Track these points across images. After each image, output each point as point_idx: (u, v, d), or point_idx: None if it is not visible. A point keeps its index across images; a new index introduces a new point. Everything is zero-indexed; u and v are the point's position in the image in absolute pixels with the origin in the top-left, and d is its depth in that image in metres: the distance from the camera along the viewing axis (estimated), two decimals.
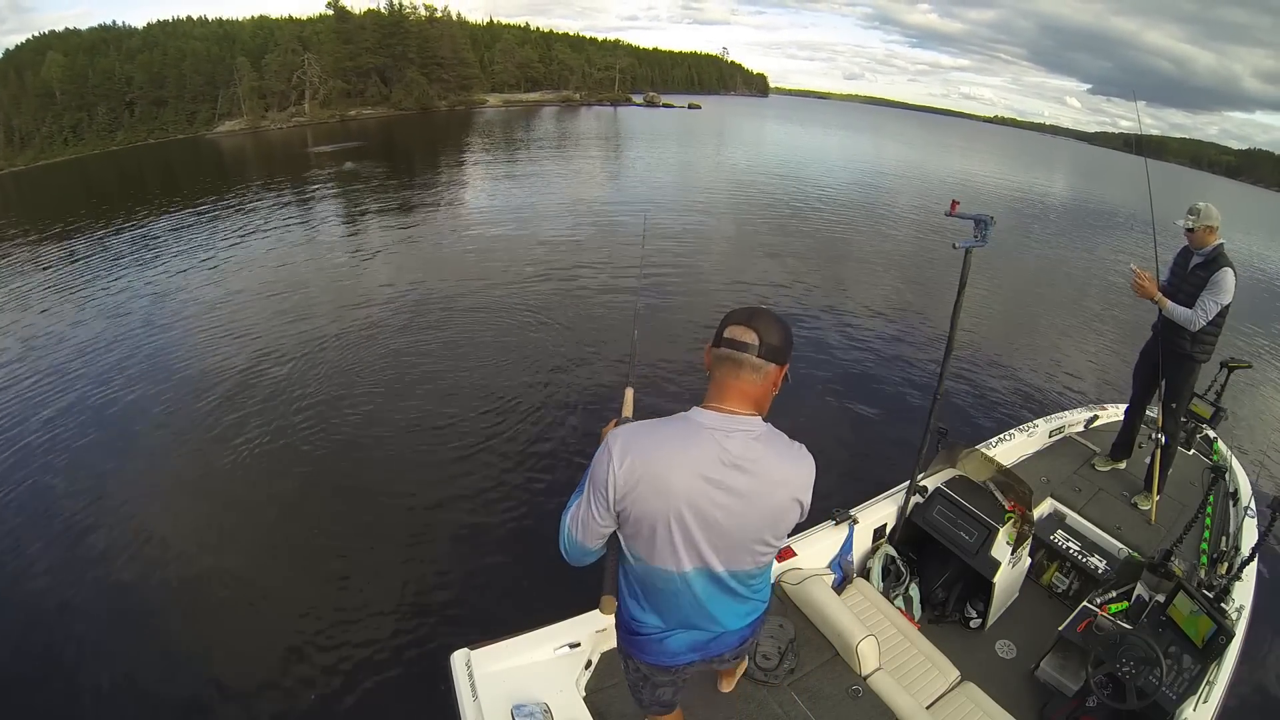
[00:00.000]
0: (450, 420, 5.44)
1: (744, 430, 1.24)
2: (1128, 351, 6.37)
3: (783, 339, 1.25)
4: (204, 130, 43.71)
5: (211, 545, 4.08)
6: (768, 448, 1.26)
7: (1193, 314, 3.11)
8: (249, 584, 3.75)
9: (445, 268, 9.82)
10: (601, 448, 1.26)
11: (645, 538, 1.28)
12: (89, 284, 9.80)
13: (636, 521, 1.26)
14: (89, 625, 3.53)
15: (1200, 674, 2.30)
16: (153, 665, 3.25)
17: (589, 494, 1.27)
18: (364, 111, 47.17)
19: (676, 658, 1.46)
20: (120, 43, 47.15)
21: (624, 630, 1.49)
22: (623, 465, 1.22)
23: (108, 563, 3.97)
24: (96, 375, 6.55)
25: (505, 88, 64.14)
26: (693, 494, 1.22)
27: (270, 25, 51.84)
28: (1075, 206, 25.00)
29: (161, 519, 4.33)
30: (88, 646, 3.39)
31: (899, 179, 25.55)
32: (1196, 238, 3.13)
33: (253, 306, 8.28)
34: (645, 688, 1.62)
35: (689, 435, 1.23)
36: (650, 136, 35.42)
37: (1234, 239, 3.23)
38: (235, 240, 11.98)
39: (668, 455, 1.22)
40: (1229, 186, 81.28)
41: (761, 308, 1.29)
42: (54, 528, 4.29)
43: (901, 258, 12.05)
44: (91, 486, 4.69)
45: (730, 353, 1.24)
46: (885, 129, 74.99)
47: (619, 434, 1.26)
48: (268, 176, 20.42)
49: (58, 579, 3.86)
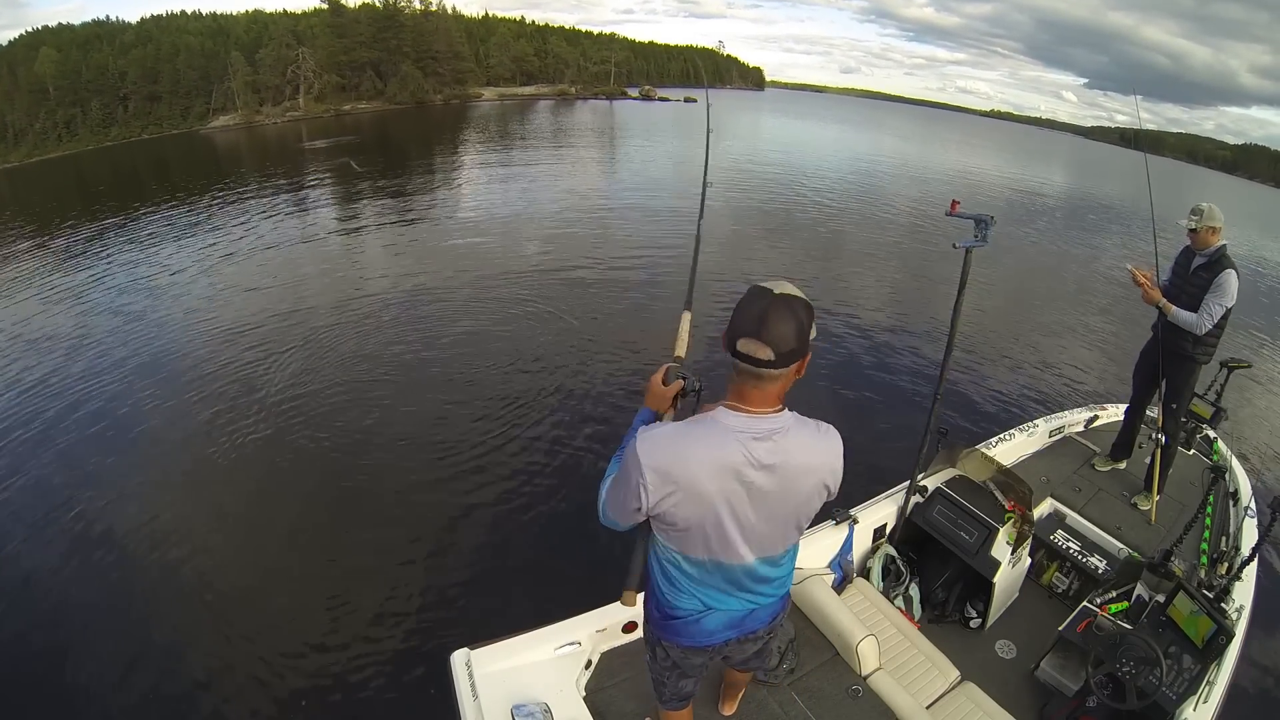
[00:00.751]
0: (450, 419, 5.43)
1: (769, 429, 1.22)
2: (1127, 351, 6.38)
3: (799, 338, 1.15)
4: (198, 125, 43.31)
5: (211, 546, 4.07)
6: (794, 441, 1.25)
7: (1197, 318, 3.10)
8: (249, 584, 3.73)
9: (443, 262, 9.81)
10: (630, 453, 1.24)
11: (681, 535, 1.30)
12: (83, 281, 9.77)
13: (672, 522, 1.27)
14: (88, 628, 3.51)
15: (1200, 674, 2.30)
16: (152, 666, 3.24)
17: (623, 489, 1.27)
18: (359, 106, 46.84)
19: (714, 636, 1.46)
20: (114, 37, 46.71)
21: (658, 617, 1.48)
22: (652, 477, 1.21)
23: (106, 564, 3.96)
24: (90, 372, 6.52)
25: (501, 81, 63.80)
26: (726, 497, 1.23)
27: (264, 19, 51.41)
28: (1073, 202, 25.00)
29: (161, 519, 4.31)
30: (86, 649, 3.38)
31: (895, 174, 25.51)
32: (1199, 238, 3.11)
33: (250, 304, 8.25)
34: (671, 677, 1.61)
35: (716, 441, 1.21)
36: (646, 129, 35.54)
37: (1230, 235, 3.23)
38: (231, 236, 11.93)
39: (697, 462, 1.21)
40: (1226, 182, 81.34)
41: (774, 300, 1.15)
42: (49, 528, 4.27)
43: (901, 257, 12.05)
44: (87, 484, 4.68)
45: (745, 368, 1.18)
46: (882, 123, 74.88)
47: (647, 442, 1.23)
48: (263, 172, 20.28)
49: (55, 581, 3.84)
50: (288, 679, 3.15)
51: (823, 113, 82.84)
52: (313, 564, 3.89)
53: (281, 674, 3.18)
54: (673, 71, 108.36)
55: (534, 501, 4.43)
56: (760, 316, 1.13)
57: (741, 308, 1.17)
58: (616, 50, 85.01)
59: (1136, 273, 3.32)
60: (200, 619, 3.50)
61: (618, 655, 2.27)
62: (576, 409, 5.60)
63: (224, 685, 3.13)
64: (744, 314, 1.16)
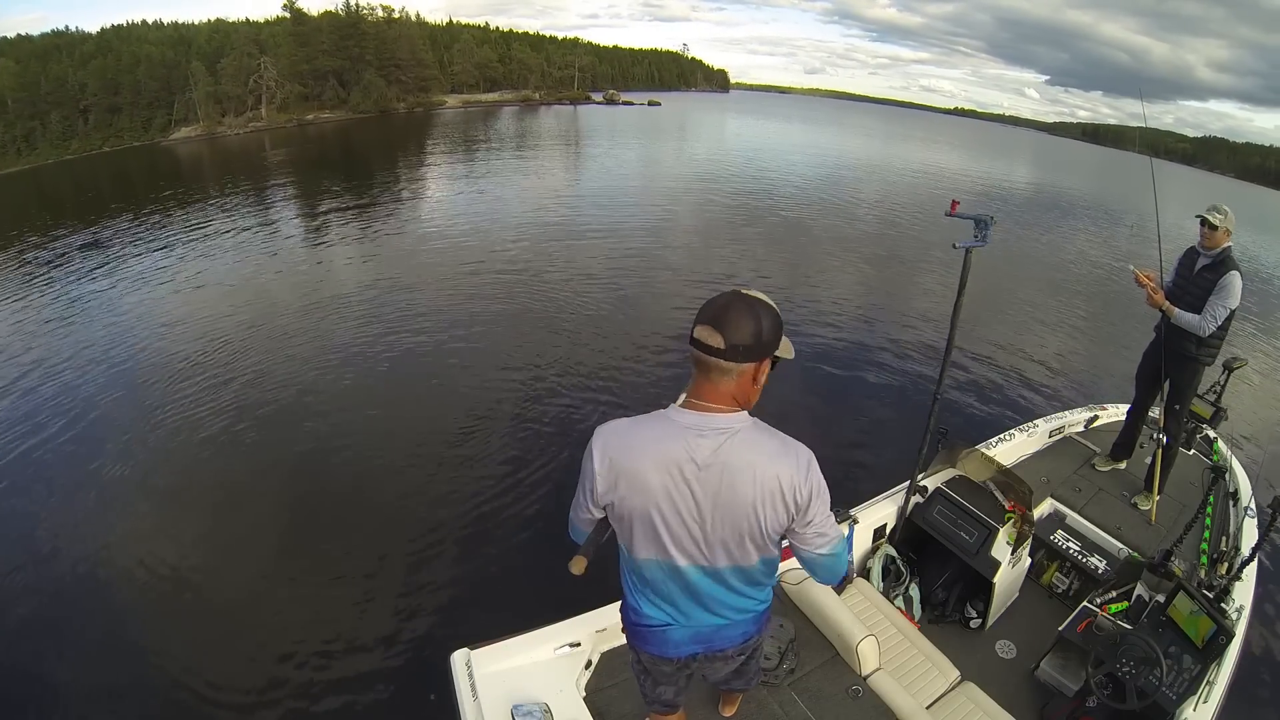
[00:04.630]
0: (448, 420, 5.43)
1: (719, 429, 1.21)
2: (1128, 351, 6.38)
3: (755, 337, 1.15)
4: (160, 137, 41.85)
5: (210, 547, 4.07)
6: (745, 446, 1.22)
7: (1201, 320, 3.10)
8: (249, 584, 3.74)
9: (418, 272, 9.63)
10: (589, 444, 1.30)
11: (629, 530, 1.32)
12: (43, 298, 9.27)
13: (620, 515, 1.30)
14: (87, 629, 3.52)
15: (1200, 674, 2.30)
16: (152, 667, 3.25)
17: (581, 483, 1.33)
18: (321, 115, 45.79)
19: (680, 649, 1.46)
20: (73, 48, 44.71)
21: (627, 621, 1.51)
22: (603, 464, 1.26)
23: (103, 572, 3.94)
24: (61, 388, 6.24)
25: (465, 88, 63.23)
26: (668, 491, 1.24)
27: (226, 28, 49.98)
28: (1039, 195, 25.11)
29: (160, 525, 4.32)
30: (86, 649, 3.39)
31: (869, 173, 25.57)
32: (1216, 237, 3.09)
33: (219, 314, 7.90)
34: (647, 681, 1.63)
35: (664, 435, 1.23)
36: (610, 133, 35.23)
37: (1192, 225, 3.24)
38: (196, 251, 11.27)
39: (643, 455, 1.24)
40: (1187, 174, 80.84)
41: (739, 297, 1.19)
42: (36, 539, 4.19)
43: (902, 257, 12.05)
44: (80, 495, 4.64)
45: (697, 354, 1.20)
46: (847, 122, 74.86)
47: (601, 432, 1.30)
48: (225, 184, 19.36)
49: (47, 594, 3.76)
50: (289, 679, 3.15)
51: (789, 113, 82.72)
52: (313, 565, 3.89)
53: (282, 674, 3.18)
54: (637, 75, 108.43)
55: (534, 501, 4.43)
56: (721, 307, 1.18)
57: (707, 301, 1.22)
58: (581, 55, 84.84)
59: (1140, 274, 3.32)
60: (200, 625, 3.49)
61: (618, 655, 2.27)
62: (576, 409, 5.60)
63: (224, 687, 3.13)
64: (707, 305, 1.21)
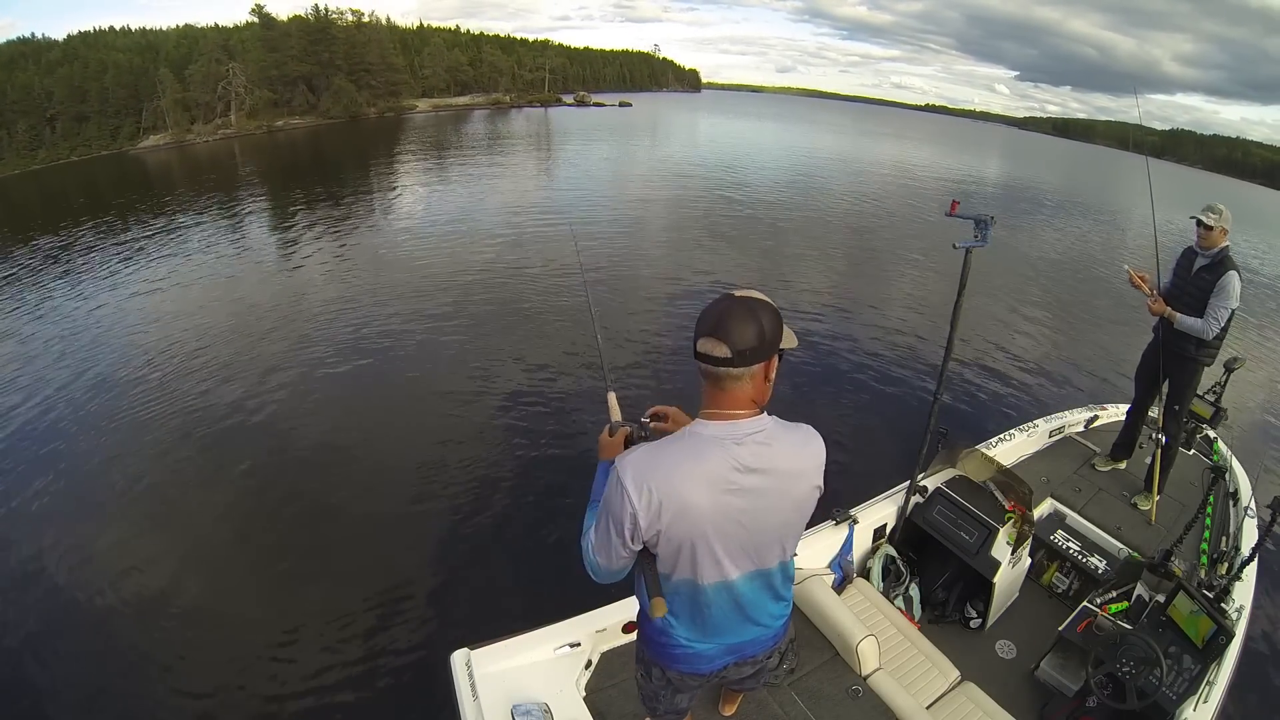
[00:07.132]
0: (445, 421, 5.44)
1: (751, 434, 1.20)
2: (1127, 351, 6.38)
3: (759, 338, 1.15)
4: (128, 145, 40.83)
5: (210, 548, 4.08)
6: (779, 444, 1.23)
7: (1204, 323, 3.09)
8: (249, 585, 3.74)
9: (418, 271, 9.57)
10: (613, 480, 1.22)
11: (678, 558, 1.26)
12: (8, 311, 8.97)
13: (667, 545, 1.24)
14: (85, 632, 3.52)
15: (1200, 674, 2.30)
16: (152, 668, 3.25)
17: (608, 525, 1.23)
18: (291, 121, 45.10)
19: (713, 662, 1.43)
20: (39, 55, 43.91)
21: (656, 639, 1.43)
22: (641, 499, 1.17)
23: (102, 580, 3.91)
24: (38, 396, 6.12)
25: (435, 92, 62.61)
26: (716, 509, 1.20)
27: (195, 34, 48.98)
28: (1016, 190, 25.06)
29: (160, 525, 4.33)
30: (84, 652, 3.39)
31: (881, 172, 25.52)
32: (1213, 237, 3.09)
33: (196, 325, 7.72)
34: (666, 695, 1.56)
35: (698, 452, 1.19)
36: (581, 135, 35.02)
37: (1181, 225, 3.24)
38: (168, 263, 10.84)
39: (684, 476, 1.18)
40: (1157, 166, 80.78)
41: (734, 301, 1.17)
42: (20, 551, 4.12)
43: (900, 257, 12.03)
44: (67, 510, 4.54)
45: (706, 369, 1.18)
46: (819, 120, 74.73)
47: (628, 465, 1.20)
48: (194, 193, 18.87)
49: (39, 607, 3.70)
50: (289, 679, 3.16)
51: (762, 111, 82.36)
52: (313, 566, 3.89)
53: (283, 674, 3.18)
54: (609, 76, 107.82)
55: (534, 501, 4.42)
56: (719, 315, 1.15)
57: (703, 312, 1.19)
58: (551, 57, 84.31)
59: (1134, 275, 3.31)
60: (201, 623, 3.50)
61: (618, 655, 2.27)
62: (576, 409, 5.60)
63: (224, 688, 3.13)
64: (705, 316, 1.18)
